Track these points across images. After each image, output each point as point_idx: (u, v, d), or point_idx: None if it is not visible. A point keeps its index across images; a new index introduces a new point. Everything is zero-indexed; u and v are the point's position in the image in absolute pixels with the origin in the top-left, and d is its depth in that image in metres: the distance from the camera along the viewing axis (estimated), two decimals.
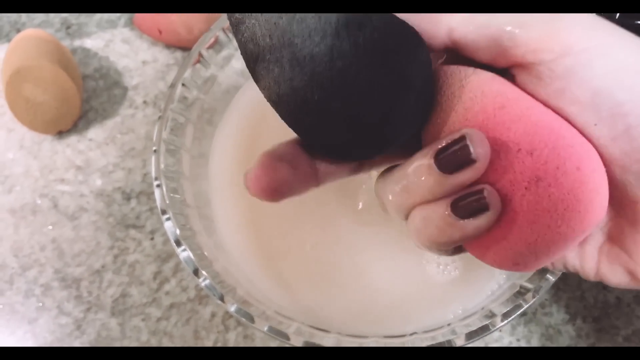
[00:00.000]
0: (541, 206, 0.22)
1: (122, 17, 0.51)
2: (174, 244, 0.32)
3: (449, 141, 0.22)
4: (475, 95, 0.23)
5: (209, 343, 0.40)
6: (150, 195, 0.44)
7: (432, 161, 0.23)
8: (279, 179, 0.25)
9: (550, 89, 0.22)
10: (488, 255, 0.24)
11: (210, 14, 0.45)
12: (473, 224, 0.23)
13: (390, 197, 0.25)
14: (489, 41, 0.23)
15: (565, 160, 0.21)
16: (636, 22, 0.36)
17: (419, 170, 0.23)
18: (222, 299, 0.30)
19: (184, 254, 0.32)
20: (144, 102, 0.47)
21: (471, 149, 0.22)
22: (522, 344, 0.39)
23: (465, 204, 0.23)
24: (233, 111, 0.41)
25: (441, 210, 0.23)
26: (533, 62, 0.22)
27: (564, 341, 0.39)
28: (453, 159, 0.22)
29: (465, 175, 0.22)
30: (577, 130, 0.22)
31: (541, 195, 0.22)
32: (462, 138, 0.22)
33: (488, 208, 0.22)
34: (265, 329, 0.30)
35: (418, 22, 0.23)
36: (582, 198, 0.21)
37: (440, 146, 0.23)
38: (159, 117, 0.35)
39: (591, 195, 0.21)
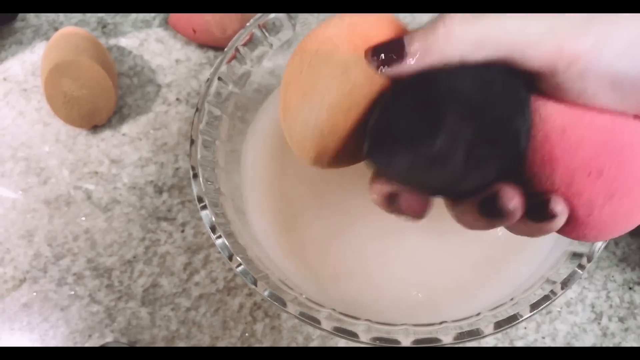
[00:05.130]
0: (617, 215, 0.24)
1: (157, 18, 0.52)
2: (210, 231, 0.33)
3: (533, 203, 0.24)
4: (534, 120, 0.24)
5: (236, 334, 0.40)
6: (181, 189, 0.45)
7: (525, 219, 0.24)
8: None
9: (572, 92, 0.23)
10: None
11: (244, 15, 0.47)
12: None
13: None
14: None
15: (632, 172, 0.23)
16: None
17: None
18: (255, 283, 0.31)
19: (219, 240, 0.32)
20: (177, 99, 0.49)
21: (552, 208, 0.23)
22: (547, 341, 0.39)
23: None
24: (266, 111, 0.42)
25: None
26: (548, 75, 0.23)
27: (589, 340, 0.39)
28: (538, 214, 0.24)
29: (549, 226, 0.24)
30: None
31: (616, 206, 0.23)
32: (547, 200, 0.24)
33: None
34: (297, 313, 0.30)
35: (429, 57, 0.24)
36: None
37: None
38: (196, 109, 0.36)
39: None
